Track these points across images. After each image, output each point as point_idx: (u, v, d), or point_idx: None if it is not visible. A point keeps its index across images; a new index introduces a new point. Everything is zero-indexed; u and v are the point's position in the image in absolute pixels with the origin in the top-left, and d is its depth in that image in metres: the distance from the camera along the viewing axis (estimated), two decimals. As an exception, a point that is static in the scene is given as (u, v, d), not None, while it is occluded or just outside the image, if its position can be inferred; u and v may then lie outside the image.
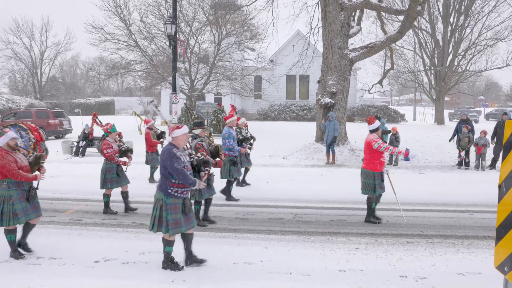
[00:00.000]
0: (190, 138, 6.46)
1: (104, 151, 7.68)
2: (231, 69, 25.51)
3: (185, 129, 5.04)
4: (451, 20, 28.93)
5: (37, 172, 5.67)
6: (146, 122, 11.16)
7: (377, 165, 7.08)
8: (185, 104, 19.29)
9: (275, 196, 9.39)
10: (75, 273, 5.06)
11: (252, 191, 9.90)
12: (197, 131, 6.86)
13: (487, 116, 45.34)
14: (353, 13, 16.95)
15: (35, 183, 5.64)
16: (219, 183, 8.59)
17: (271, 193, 9.68)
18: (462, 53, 30.03)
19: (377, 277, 4.95)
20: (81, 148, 16.17)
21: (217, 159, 6.80)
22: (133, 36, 23.92)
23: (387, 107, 34.44)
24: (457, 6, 28.47)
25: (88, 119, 23.82)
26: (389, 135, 14.16)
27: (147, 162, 10.89)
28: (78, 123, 20.30)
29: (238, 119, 9.37)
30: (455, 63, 29.92)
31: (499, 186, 3.08)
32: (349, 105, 25.67)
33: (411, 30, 25.88)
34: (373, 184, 7.08)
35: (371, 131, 7.22)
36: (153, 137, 10.77)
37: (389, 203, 8.76)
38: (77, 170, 12.76)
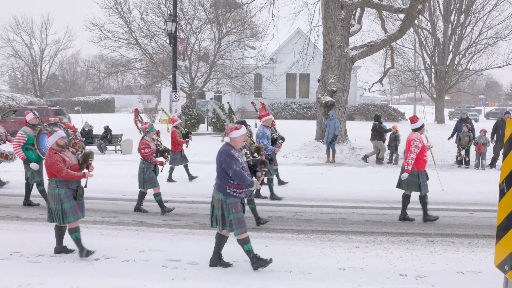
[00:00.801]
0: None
1: (141, 151, 7.60)
2: (231, 67, 25.48)
3: (243, 130, 5.01)
4: (452, 18, 28.88)
5: (85, 170, 5.59)
6: (173, 121, 10.98)
7: (420, 163, 7.04)
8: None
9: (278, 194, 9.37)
10: (75, 271, 5.06)
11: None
12: None
13: (487, 115, 45.31)
14: (354, 12, 16.93)
15: (83, 182, 5.57)
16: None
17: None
18: (463, 52, 29.98)
19: (377, 276, 4.95)
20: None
21: None
22: (133, 34, 23.89)
23: (387, 106, 34.42)
24: (457, 4, 28.41)
25: (87, 117, 23.82)
26: (389, 134, 14.16)
27: (169, 162, 10.53)
28: (78, 121, 20.28)
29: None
30: (456, 62, 29.87)
31: (500, 185, 3.07)
32: (349, 104, 25.64)
33: (411, 29, 25.83)
34: (417, 182, 7.04)
35: (414, 130, 7.20)
36: (179, 136, 10.62)
37: (388, 201, 8.78)
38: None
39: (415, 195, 7.32)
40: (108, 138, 16.76)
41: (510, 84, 63.70)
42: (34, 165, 8.05)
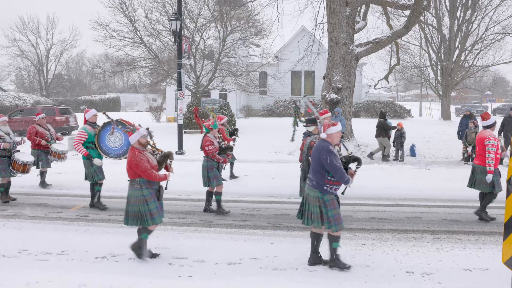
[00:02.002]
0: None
1: (205, 148, 7.46)
2: (236, 65, 25.45)
3: (340, 126, 4.97)
4: (458, 14, 28.67)
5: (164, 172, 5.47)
6: (219, 118, 10.78)
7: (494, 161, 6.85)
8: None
9: (281, 192, 9.38)
10: (82, 268, 5.10)
11: (258, 187, 9.90)
12: (310, 129, 6.69)
13: (494, 112, 44.93)
14: (359, 8, 16.86)
15: (163, 183, 5.44)
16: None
17: (276, 189, 9.68)
18: (469, 48, 29.77)
19: (384, 273, 4.94)
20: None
21: None
22: (138, 32, 23.91)
23: (393, 103, 34.28)
24: (464, 0, 28.20)
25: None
26: (394, 131, 14.11)
27: None
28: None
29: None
30: (462, 58, 29.68)
31: (508, 181, 3.05)
32: (355, 101, 25.55)
33: (417, 25, 25.70)
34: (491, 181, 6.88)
35: (485, 127, 7.09)
36: (226, 134, 10.48)
37: (394, 198, 8.75)
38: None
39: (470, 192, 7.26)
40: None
41: (517, 80, 63.16)
42: (97, 161, 7.77)
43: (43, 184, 9.93)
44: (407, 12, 17.22)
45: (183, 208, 8.08)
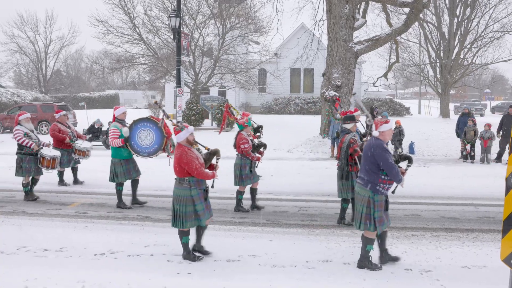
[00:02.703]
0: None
1: (240, 146, 7.31)
2: (236, 63, 25.43)
3: (392, 123, 4.89)
4: (458, 12, 28.65)
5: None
6: (244, 115, 10.78)
7: None
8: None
9: (279, 189, 9.40)
10: (81, 265, 5.10)
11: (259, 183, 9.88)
12: (348, 126, 6.63)
13: (493, 110, 45.06)
14: (358, 6, 16.84)
15: (210, 182, 5.33)
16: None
17: (275, 186, 9.69)
18: (468, 46, 29.76)
19: (382, 270, 4.95)
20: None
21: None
22: (137, 29, 23.88)
23: (392, 100, 34.28)
24: (463, -2, 28.18)
25: (93, 113, 23.86)
26: (393, 128, 14.12)
27: None
28: (83, 117, 20.35)
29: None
30: (461, 56, 29.66)
31: (507, 179, 3.06)
32: (354, 99, 25.53)
33: (416, 23, 25.64)
34: None
35: None
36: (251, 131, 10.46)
37: (393, 196, 8.74)
38: (82, 163, 12.79)
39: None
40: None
41: (516, 78, 63.19)
42: (125, 130, 7.45)
43: (76, 181, 9.86)
44: (406, 10, 17.20)
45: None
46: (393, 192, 5.23)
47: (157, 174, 10.55)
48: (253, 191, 7.71)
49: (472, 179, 10.55)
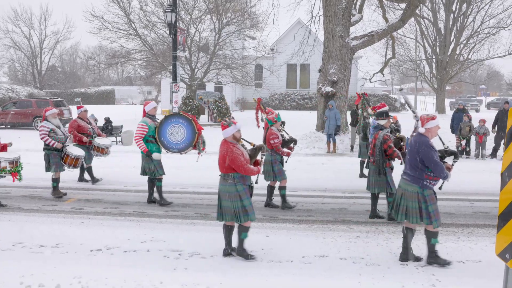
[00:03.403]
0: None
1: (270, 142, 7.20)
2: (232, 58, 25.38)
3: (438, 120, 4.87)
4: (454, 8, 28.68)
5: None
6: (263, 110, 10.70)
7: None
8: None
9: (276, 185, 9.39)
10: (77, 261, 5.09)
11: (253, 179, 9.88)
12: (382, 122, 6.58)
13: (488, 105, 45.24)
14: (355, 1, 16.80)
15: (254, 178, 5.24)
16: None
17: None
18: (464, 42, 29.83)
19: (378, 265, 4.97)
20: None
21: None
22: (132, 24, 23.76)
23: (388, 96, 34.35)
24: (459, -7, 28.20)
25: (89, 109, 23.75)
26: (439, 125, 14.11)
27: None
28: (92, 113, 20.18)
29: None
30: (457, 52, 29.74)
31: (502, 174, 3.07)
32: (350, 94, 25.59)
33: (413, 19, 25.69)
34: None
35: None
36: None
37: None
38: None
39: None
40: (109, 129, 16.76)
41: (512, 74, 63.43)
42: (156, 155, 7.43)
43: (93, 180, 9.57)
44: (403, 5, 17.20)
45: (179, 200, 8.08)
46: (440, 188, 5.23)
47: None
48: (272, 189, 7.62)
49: (467, 174, 10.60)
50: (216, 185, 8.96)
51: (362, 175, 10.05)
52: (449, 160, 5.19)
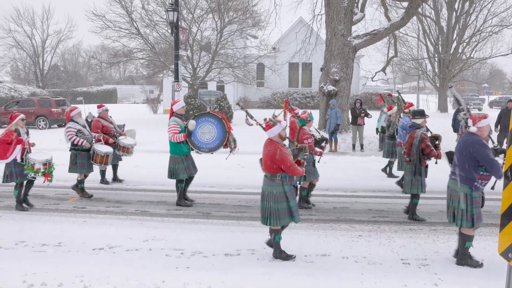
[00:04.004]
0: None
1: (304, 141, 7.10)
2: (234, 57, 25.33)
3: (489, 119, 4.82)
4: (456, 6, 28.57)
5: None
6: (291, 110, 10.57)
7: None
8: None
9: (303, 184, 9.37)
10: (80, 260, 5.10)
11: (255, 178, 9.88)
12: (418, 121, 6.54)
13: (491, 104, 45.07)
14: (357, 0, 16.76)
15: (296, 179, 5.19)
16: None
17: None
18: (467, 40, 29.72)
19: (380, 264, 4.97)
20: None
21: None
22: (134, 23, 23.73)
23: (390, 95, 34.27)
24: (462, -8, 28.10)
25: (90, 108, 23.78)
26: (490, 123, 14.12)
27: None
28: (90, 111, 20.23)
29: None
30: (459, 50, 29.64)
31: (505, 173, 3.06)
32: (352, 93, 25.55)
33: (415, 17, 25.58)
34: None
35: None
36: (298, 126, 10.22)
37: (391, 190, 8.78)
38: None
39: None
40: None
41: (514, 73, 63.19)
42: (191, 123, 7.19)
43: (116, 179, 9.46)
44: (405, 4, 17.15)
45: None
46: (492, 187, 5.20)
47: (152, 170, 10.54)
48: (312, 187, 7.56)
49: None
50: (217, 183, 9.00)
51: (390, 175, 10.05)
52: (499, 159, 5.15)
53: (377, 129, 14.60)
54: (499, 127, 13.19)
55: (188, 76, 24.71)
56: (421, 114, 6.57)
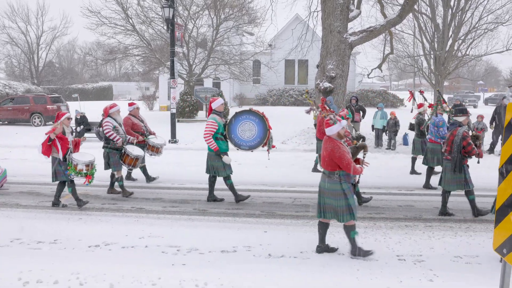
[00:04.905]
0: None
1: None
2: (230, 54, 25.29)
3: None
4: (452, 3, 28.60)
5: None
6: (324, 108, 10.46)
7: None
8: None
9: (274, 180, 9.41)
10: (76, 257, 5.09)
11: (251, 175, 9.90)
12: (460, 119, 6.51)
13: (486, 101, 45.26)
14: (353, -4, 16.74)
15: (357, 177, 5.22)
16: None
17: (270, 177, 9.70)
18: (462, 37, 29.78)
19: (376, 261, 4.99)
20: (78, 133, 16.15)
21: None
22: (130, 20, 23.62)
23: (386, 92, 34.33)
24: (458, -11, 28.13)
25: (85, 105, 23.67)
26: (388, 119, 14.19)
27: (318, 151, 10.08)
28: (76, 109, 20.15)
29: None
30: (455, 48, 29.69)
31: (500, 169, 3.07)
32: (348, 90, 25.56)
33: (411, 14, 25.59)
34: None
35: None
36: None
37: (387, 187, 8.82)
38: (76, 155, 12.73)
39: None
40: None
41: (510, 70, 63.49)
42: (226, 159, 7.28)
43: (149, 178, 9.28)
44: (401, 1, 17.18)
45: (177, 196, 8.08)
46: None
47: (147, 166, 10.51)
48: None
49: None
50: (219, 181, 8.94)
51: (413, 171, 10.13)
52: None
53: (372, 126, 14.64)
54: (493, 124, 13.24)
55: (184, 73, 24.65)
56: (463, 112, 6.55)
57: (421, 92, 10.31)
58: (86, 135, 16.28)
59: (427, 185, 8.72)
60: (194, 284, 4.32)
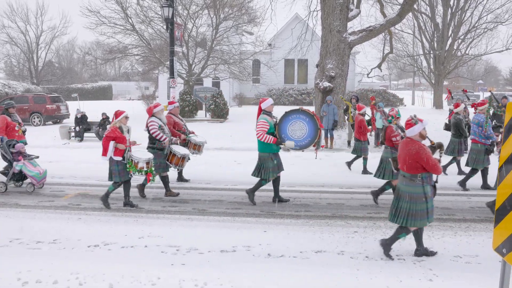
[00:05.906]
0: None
1: (392, 139, 7.03)
2: (229, 53, 25.29)
3: None
4: (451, 2, 28.63)
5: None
6: (359, 108, 10.17)
7: None
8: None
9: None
10: (75, 257, 5.08)
11: (250, 175, 9.88)
12: None
13: (486, 101, 45.18)
14: (353, -4, 16.75)
15: (434, 177, 5.04)
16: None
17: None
18: (462, 37, 29.82)
19: (376, 260, 4.98)
20: (78, 133, 16.15)
21: None
22: (129, 19, 23.62)
23: (385, 91, 34.37)
24: (457, -12, 28.15)
25: (85, 104, 23.66)
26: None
27: (354, 151, 10.25)
28: (76, 108, 20.15)
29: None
30: (455, 47, 29.73)
31: (499, 169, 3.07)
32: (348, 89, 25.57)
33: (410, 13, 25.61)
34: None
35: None
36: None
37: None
38: (75, 155, 12.74)
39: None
40: (106, 125, 16.70)
41: (509, 69, 63.52)
42: (289, 143, 7.08)
43: (181, 178, 9.16)
44: (400, 0, 17.16)
45: (176, 197, 8.06)
46: None
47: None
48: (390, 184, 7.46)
49: (465, 169, 10.61)
50: (213, 180, 8.99)
51: (460, 172, 9.90)
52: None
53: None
54: (493, 123, 13.24)
55: (183, 73, 24.65)
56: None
57: (464, 91, 10.10)
58: (85, 135, 16.31)
59: (485, 186, 8.59)
60: (194, 284, 4.32)
